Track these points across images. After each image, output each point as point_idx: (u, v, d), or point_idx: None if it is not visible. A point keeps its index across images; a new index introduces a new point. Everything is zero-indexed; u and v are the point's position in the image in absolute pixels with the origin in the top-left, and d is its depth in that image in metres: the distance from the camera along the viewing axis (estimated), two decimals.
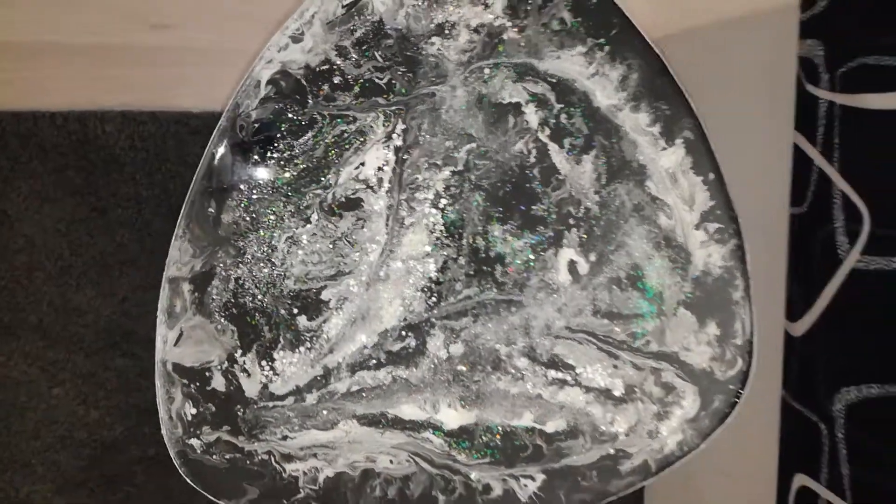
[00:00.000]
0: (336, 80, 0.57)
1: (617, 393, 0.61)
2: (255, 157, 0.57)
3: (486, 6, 0.57)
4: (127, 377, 0.66)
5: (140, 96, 0.64)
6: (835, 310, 0.67)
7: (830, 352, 0.67)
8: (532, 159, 0.59)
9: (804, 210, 0.70)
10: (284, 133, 0.57)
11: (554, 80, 0.58)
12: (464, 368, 0.60)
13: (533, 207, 0.59)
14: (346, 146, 0.57)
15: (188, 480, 0.57)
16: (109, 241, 0.64)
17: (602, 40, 0.58)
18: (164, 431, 0.57)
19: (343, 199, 0.58)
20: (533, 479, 0.61)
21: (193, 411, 0.58)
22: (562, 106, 0.59)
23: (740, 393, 0.61)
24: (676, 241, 0.60)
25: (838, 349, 0.66)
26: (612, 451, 0.61)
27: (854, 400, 0.64)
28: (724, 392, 0.61)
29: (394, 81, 0.57)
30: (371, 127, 0.57)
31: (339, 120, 0.57)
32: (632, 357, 0.60)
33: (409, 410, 0.60)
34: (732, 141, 0.64)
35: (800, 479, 0.70)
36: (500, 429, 0.60)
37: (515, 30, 0.58)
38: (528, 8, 0.58)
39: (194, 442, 0.58)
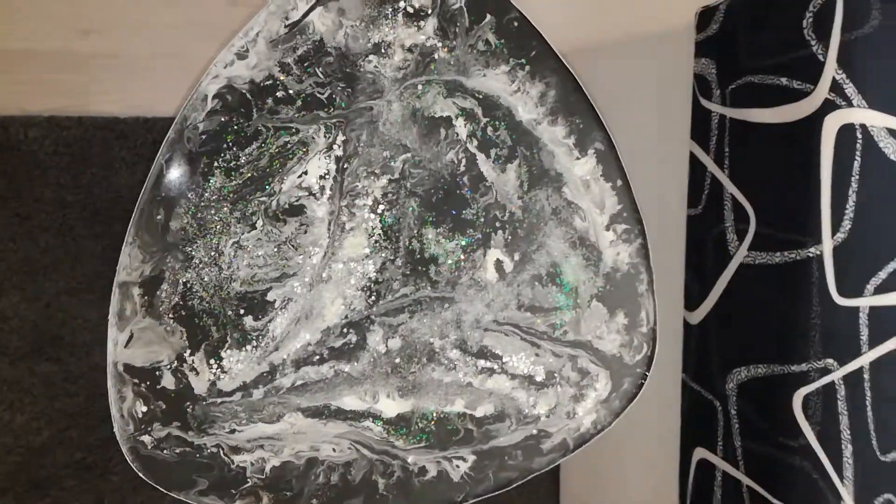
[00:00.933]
0: (279, 94, 0.62)
1: (539, 378, 0.69)
2: (202, 166, 0.61)
3: (419, 28, 0.64)
4: (53, 382, 0.67)
5: (67, 102, 0.66)
6: (726, 299, 0.77)
7: (723, 337, 0.77)
8: (462, 168, 0.66)
9: (699, 211, 0.80)
10: (230, 144, 0.62)
11: (481, 97, 0.66)
12: (400, 361, 0.66)
13: (463, 212, 0.66)
14: (290, 156, 0.63)
15: (140, 475, 0.62)
16: (33, 245, 0.66)
17: (523, 60, 0.66)
18: (116, 429, 0.61)
19: (287, 206, 0.63)
20: (464, 459, 0.68)
21: (144, 409, 0.62)
22: (488, 119, 0.66)
23: (646, 375, 0.70)
24: (589, 240, 0.68)
25: (729, 334, 0.76)
26: (534, 432, 0.69)
27: (744, 379, 0.75)
28: (632, 375, 0.70)
29: (334, 96, 0.63)
30: (313, 138, 0.63)
31: (282, 132, 0.63)
32: (552, 346, 0.69)
33: (350, 402, 0.66)
34: (636, 149, 0.73)
35: (699, 453, 0.81)
36: (434, 415, 0.67)
37: (445, 50, 0.65)
38: (457, 30, 0.65)
39: (145, 438, 0.62)
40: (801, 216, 0.70)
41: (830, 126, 0.66)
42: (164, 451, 0.63)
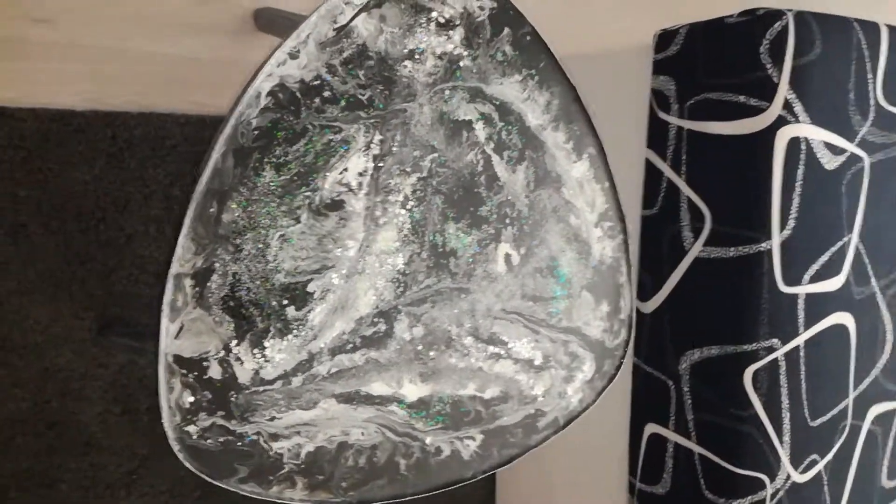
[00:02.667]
0: (326, 94, 0.69)
1: (537, 362, 0.80)
2: (254, 162, 0.67)
3: (448, 37, 0.73)
4: (0, 387, 0.69)
5: (20, 93, 0.69)
6: (679, 290, 0.92)
7: (676, 323, 0.92)
8: (480, 168, 0.76)
9: (655, 212, 0.94)
10: (280, 140, 0.68)
11: (497, 103, 0.76)
12: (422, 348, 0.75)
13: (480, 209, 0.76)
14: (333, 153, 0.70)
15: (186, 465, 0.66)
16: None
17: (533, 71, 0.77)
18: (164, 420, 0.66)
19: (329, 201, 0.70)
20: (473, 439, 0.78)
21: (191, 399, 0.67)
22: (503, 124, 0.76)
23: (623, 357, 0.83)
24: (582, 236, 0.80)
25: (683, 321, 0.91)
26: (532, 411, 0.80)
27: (697, 360, 0.89)
28: (612, 357, 0.83)
29: (373, 98, 0.71)
30: (354, 137, 0.70)
31: (327, 130, 0.69)
32: (548, 332, 0.80)
33: (378, 387, 0.73)
34: None
35: (651, 428, 0.95)
36: (449, 398, 0.76)
37: (470, 59, 0.74)
38: (480, 41, 0.74)
39: (191, 428, 0.67)
40: (755, 215, 0.85)
41: (782, 138, 0.82)
42: (208, 441, 0.67)
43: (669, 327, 0.92)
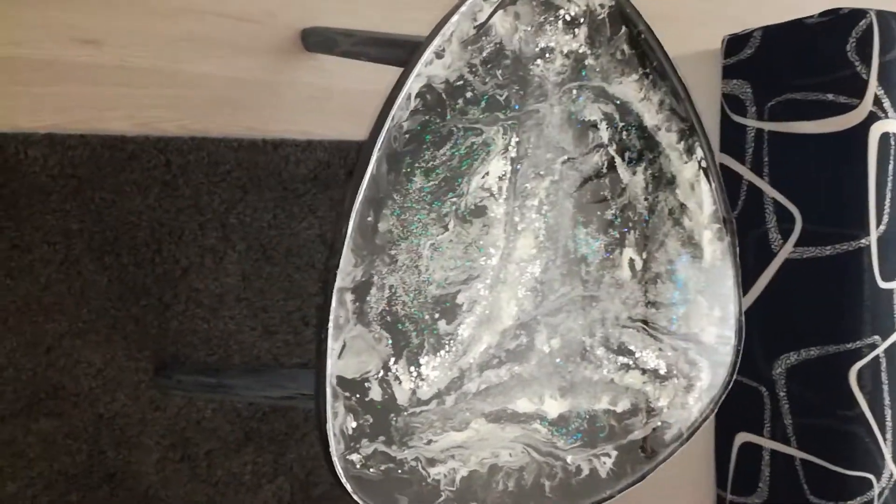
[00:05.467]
0: (468, 94, 0.70)
1: (662, 372, 0.81)
2: (405, 167, 0.67)
3: (574, 35, 0.75)
4: (53, 440, 0.65)
5: (68, 118, 0.66)
6: (770, 293, 0.95)
7: (767, 327, 0.95)
8: (604, 170, 0.77)
9: (734, 216, 0.97)
10: (429, 144, 0.68)
11: (618, 102, 0.78)
12: (561, 360, 0.75)
13: (606, 213, 0.77)
14: (476, 157, 0.70)
15: (356, 498, 0.64)
16: (33, 282, 0.64)
17: (648, 70, 0.79)
18: (331, 448, 0.64)
19: (473, 207, 0.70)
20: (609, 455, 0.79)
21: (354, 425, 0.65)
22: (623, 124, 0.78)
23: (736, 364, 0.86)
24: (695, 239, 0.83)
25: (774, 325, 0.94)
26: (659, 424, 0.82)
27: (794, 363, 0.93)
28: (724, 365, 0.85)
29: (510, 98, 0.72)
30: (493, 139, 0.71)
31: (469, 132, 0.70)
32: (671, 340, 0.82)
33: (522, 404, 0.74)
34: None
35: (742, 437, 0.97)
36: (587, 414, 0.77)
37: (593, 57, 0.76)
38: (601, 39, 0.76)
39: (354, 457, 0.65)
40: (851, 212, 0.90)
41: (874, 134, 0.87)
42: (371, 470, 0.66)
43: (759, 332, 0.95)
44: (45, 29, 0.60)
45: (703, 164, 0.84)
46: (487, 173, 0.72)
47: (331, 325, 0.64)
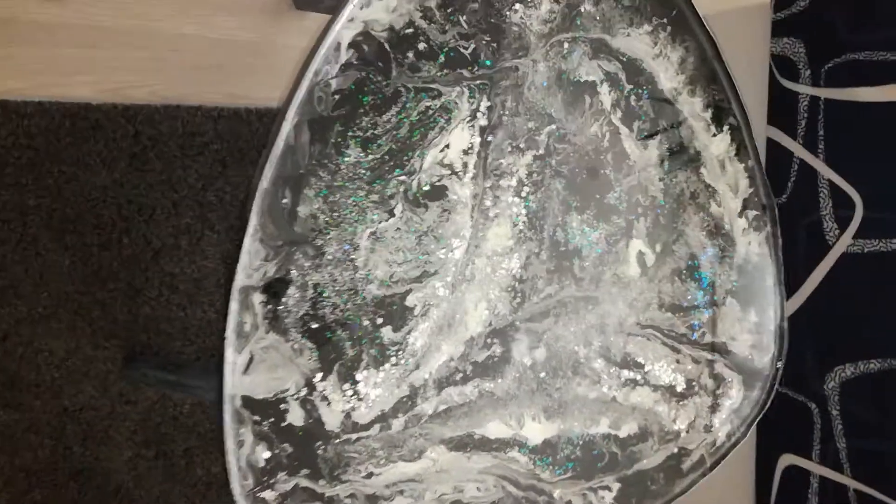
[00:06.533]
0: (421, 46, 0.56)
1: (679, 389, 0.66)
2: (335, 136, 0.53)
3: None
4: (12, 434, 0.60)
5: (25, 83, 0.58)
6: (823, 293, 0.79)
7: (819, 334, 0.79)
8: (606, 143, 0.62)
9: (783, 200, 0.81)
10: (367, 108, 0.54)
11: (624, 59, 0.63)
12: (546, 375, 0.61)
13: (607, 196, 0.63)
14: (431, 125, 0.56)
15: None
16: None
17: (665, 20, 0.64)
18: (233, 486, 0.51)
19: (428, 187, 0.56)
20: (609, 489, 0.64)
21: (267, 455, 0.52)
22: (632, 87, 0.63)
23: (776, 378, 0.70)
24: (724, 229, 0.67)
25: (828, 330, 0.78)
26: (675, 450, 0.67)
27: (850, 376, 0.77)
28: (761, 378, 0.69)
29: (479, 51, 0.58)
30: (456, 103, 0.57)
31: (423, 94, 0.56)
32: (691, 350, 0.66)
33: (495, 428, 0.60)
34: None
35: (787, 459, 0.81)
36: (580, 439, 0.62)
37: (591, 2, 0.61)
38: None
39: (268, 495, 0.52)
40: None
41: None
42: None
43: (810, 339, 0.79)
44: None
45: (738, 136, 0.68)
46: (448, 146, 0.58)
47: (230, 333, 0.51)
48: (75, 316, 0.55)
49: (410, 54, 0.56)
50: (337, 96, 0.54)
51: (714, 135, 0.67)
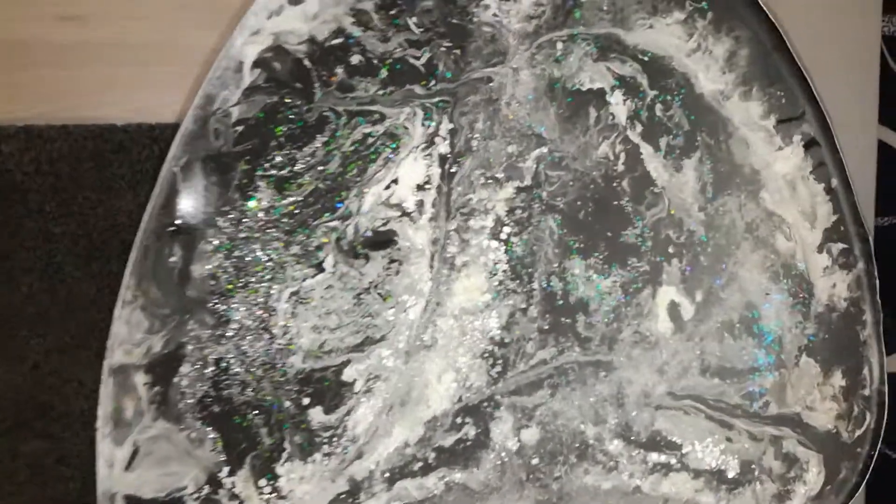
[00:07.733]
0: (354, 59, 0.44)
1: (731, 474, 0.52)
2: (239, 176, 0.42)
3: None
4: (42, 464, 0.55)
5: (47, 107, 0.52)
6: None
7: None
8: (620, 167, 0.48)
9: (889, 222, 0.64)
10: (282, 140, 0.43)
11: (646, 59, 0.49)
12: (539, 462, 0.48)
13: (623, 233, 0.49)
14: (372, 157, 0.45)
15: None
16: (13, 291, 0.53)
17: (704, 3, 0.48)
18: None
19: (370, 234, 0.45)
20: None
21: None
22: (656, 93, 0.49)
23: (871, 456, 0.53)
24: (797, 268, 0.51)
25: None
26: None
27: None
28: (852, 457, 0.53)
29: (435, 61, 0.45)
30: (405, 128, 0.45)
31: (360, 119, 0.44)
32: (748, 425, 0.51)
33: None
34: None
35: None
36: None
37: None
38: None
39: None
40: None
41: None
42: None
43: None
44: (19, 4, 0.50)
45: (815, 149, 0.52)
46: (395, 181, 0.46)
47: (101, 422, 0.42)
48: (102, 346, 0.51)
49: (339, 70, 0.45)
50: (240, 127, 0.43)
51: (779, 148, 0.51)
